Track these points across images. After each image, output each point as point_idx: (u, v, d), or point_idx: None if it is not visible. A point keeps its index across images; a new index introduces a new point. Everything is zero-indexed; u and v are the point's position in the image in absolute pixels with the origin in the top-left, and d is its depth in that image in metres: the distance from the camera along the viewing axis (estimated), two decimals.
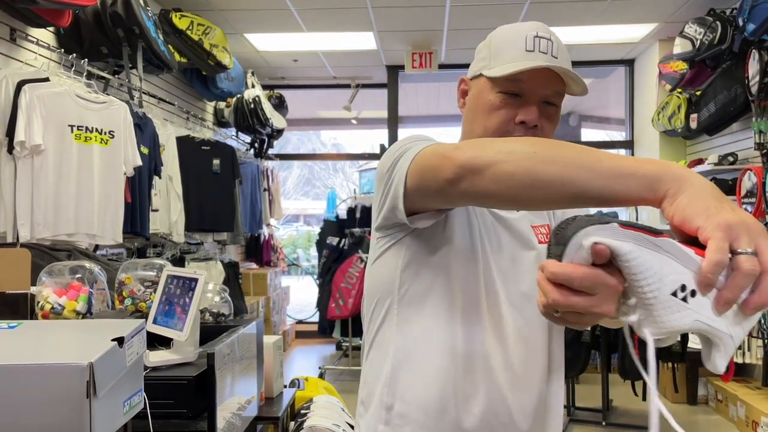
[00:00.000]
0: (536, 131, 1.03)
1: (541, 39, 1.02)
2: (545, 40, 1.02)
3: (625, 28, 5.32)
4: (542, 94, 1.03)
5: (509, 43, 1.04)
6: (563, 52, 1.05)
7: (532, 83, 1.02)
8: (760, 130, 3.88)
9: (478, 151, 0.78)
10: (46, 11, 2.84)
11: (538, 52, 1.01)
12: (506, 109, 1.03)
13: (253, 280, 6.08)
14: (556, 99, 1.05)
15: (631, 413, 4.43)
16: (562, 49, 1.05)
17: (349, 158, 9.05)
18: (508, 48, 1.04)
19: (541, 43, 1.02)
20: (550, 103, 1.04)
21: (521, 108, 1.03)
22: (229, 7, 4.77)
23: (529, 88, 1.02)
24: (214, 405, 1.37)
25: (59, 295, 1.59)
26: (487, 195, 0.78)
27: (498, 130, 1.04)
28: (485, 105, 1.06)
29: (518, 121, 1.02)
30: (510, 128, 1.03)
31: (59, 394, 0.78)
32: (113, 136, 3.04)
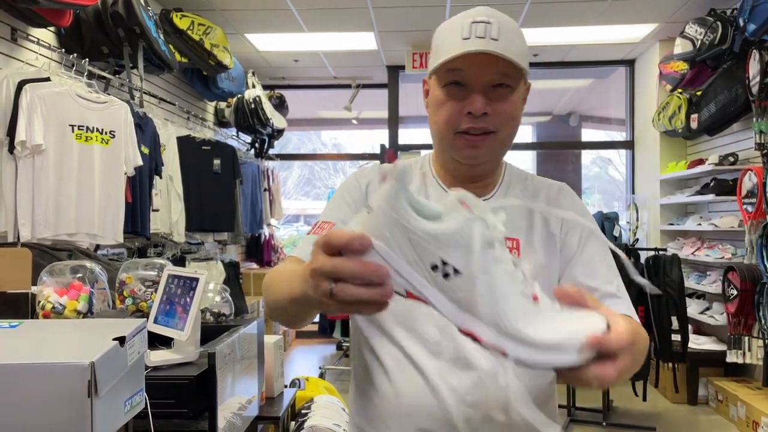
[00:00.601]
0: (486, 118, 1.00)
1: (478, 24, 0.98)
2: (483, 24, 0.98)
3: (625, 28, 5.32)
4: (485, 79, 0.99)
5: (448, 34, 1.01)
6: (507, 32, 0.98)
7: (471, 70, 0.98)
8: (760, 131, 3.88)
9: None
10: (47, 11, 2.84)
11: (474, 38, 0.97)
12: (451, 102, 1.01)
13: (253, 280, 6.08)
14: (504, 80, 1.00)
15: (631, 413, 4.42)
16: (506, 29, 0.98)
17: (349, 158, 9.04)
18: (446, 40, 1.01)
19: (477, 28, 0.97)
20: (501, 85, 1.00)
21: (468, 98, 1.00)
22: (229, 7, 4.77)
23: (470, 76, 0.99)
24: (214, 405, 1.38)
25: (60, 295, 1.59)
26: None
27: (448, 123, 1.02)
28: (434, 101, 1.05)
29: (465, 112, 1.00)
30: (459, 120, 1.01)
31: (60, 394, 0.78)
32: (114, 136, 3.05)
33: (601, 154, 13.30)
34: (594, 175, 14.54)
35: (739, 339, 4.01)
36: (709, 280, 4.76)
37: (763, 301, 3.77)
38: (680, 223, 5.29)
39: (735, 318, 4.01)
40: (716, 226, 4.58)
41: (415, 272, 0.62)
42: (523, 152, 8.26)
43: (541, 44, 5.79)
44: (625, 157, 6.79)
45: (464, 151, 1.04)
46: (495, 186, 1.12)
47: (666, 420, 4.31)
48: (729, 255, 4.46)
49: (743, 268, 3.97)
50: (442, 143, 1.06)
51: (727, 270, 4.12)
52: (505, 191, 1.12)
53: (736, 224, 4.40)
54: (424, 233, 0.61)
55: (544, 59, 6.30)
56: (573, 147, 8.68)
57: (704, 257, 4.68)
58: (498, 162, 1.11)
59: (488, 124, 1.01)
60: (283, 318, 0.97)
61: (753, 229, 3.91)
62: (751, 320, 3.95)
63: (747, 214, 4.00)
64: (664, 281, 3.97)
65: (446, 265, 0.61)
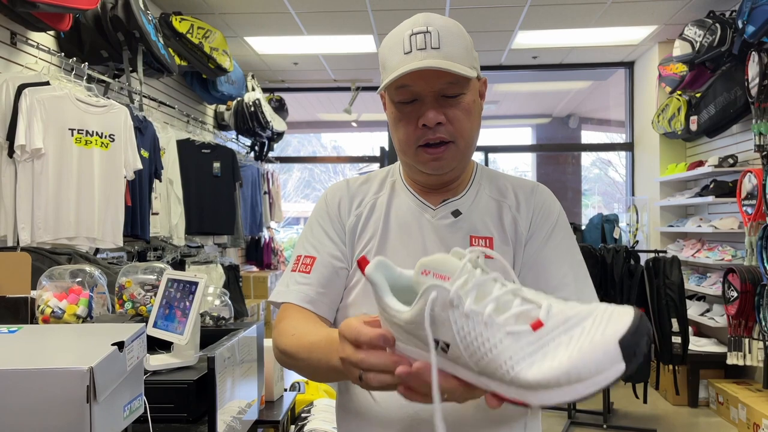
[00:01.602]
0: (441, 128, 0.99)
1: (416, 36, 0.97)
2: (421, 34, 0.97)
3: (625, 30, 5.33)
4: (433, 90, 0.99)
5: (390, 49, 1.01)
6: (447, 37, 0.97)
7: (418, 84, 0.98)
8: (760, 132, 3.88)
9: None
10: (46, 15, 2.85)
11: (415, 51, 0.96)
12: (406, 119, 1.02)
13: (253, 283, 6.08)
14: (454, 89, 0.99)
15: (631, 416, 4.42)
16: (446, 34, 0.97)
17: (349, 161, 9.04)
18: (389, 56, 1.01)
19: (416, 40, 0.97)
20: (452, 95, 1.00)
21: (420, 110, 1.00)
22: (229, 11, 4.78)
23: (419, 90, 0.99)
24: (214, 409, 1.37)
25: (60, 299, 1.59)
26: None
27: (408, 140, 1.03)
28: (391, 118, 1.06)
29: (420, 125, 1.00)
30: (416, 135, 1.01)
31: (59, 399, 0.78)
32: (113, 140, 3.05)
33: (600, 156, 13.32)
34: (594, 177, 14.55)
35: (739, 341, 4.01)
36: (709, 281, 4.76)
37: (763, 303, 3.77)
38: (680, 224, 5.29)
39: (735, 320, 4.00)
40: (716, 227, 4.58)
41: (428, 354, 0.63)
42: (522, 154, 8.27)
43: (540, 46, 5.80)
44: (624, 159, 6.79)
45: (429, 164, 1.04)
46: (465, 187, 1.12)
47: (666, 422, 4.31)
48: (729, 257, 4.46)
49: (743, 269, 3.97)
50: (407, 157, 1.07)
51: (727, 272, 4.12)
52: (475, 192, 1.12)
53: (736, 226, 4.40)
54: (407, 322, 0.64)
55: (543, 61, 6.30)
56: (573, 149, 8.69)
57: (704, 259, 4.68)
58: (465, 165, 1.10)
59: (444, 134, 1.00)
60: (317, 379, 1.01)
61: (753, 231, 3.91)
62: (751, 322, 3.94)
63: (747, 216, 4.00)
64: (664, 283, 3.97)
65: (438, 341, 0.62)
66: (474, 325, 0.59)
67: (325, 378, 0.96)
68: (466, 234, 1.07)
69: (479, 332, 0.59)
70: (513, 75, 6.75)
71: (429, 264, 0.62)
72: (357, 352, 0.70)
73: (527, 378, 0.56)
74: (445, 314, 0.60)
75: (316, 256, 1.09)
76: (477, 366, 0.60)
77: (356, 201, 1.14)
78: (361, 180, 1.18)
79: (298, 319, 1.04)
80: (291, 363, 1.00)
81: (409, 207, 1.11)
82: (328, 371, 0.88)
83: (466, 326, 0.59)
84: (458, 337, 0.60)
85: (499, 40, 5.53)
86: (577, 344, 0.54)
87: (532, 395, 0.56)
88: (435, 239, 1.06)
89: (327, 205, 1.14)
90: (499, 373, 0.58)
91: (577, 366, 0.53)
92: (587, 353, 0.53)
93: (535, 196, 1.12)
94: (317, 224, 1.13)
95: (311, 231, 1.14)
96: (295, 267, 1.10)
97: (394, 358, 0.67)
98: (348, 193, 1.15)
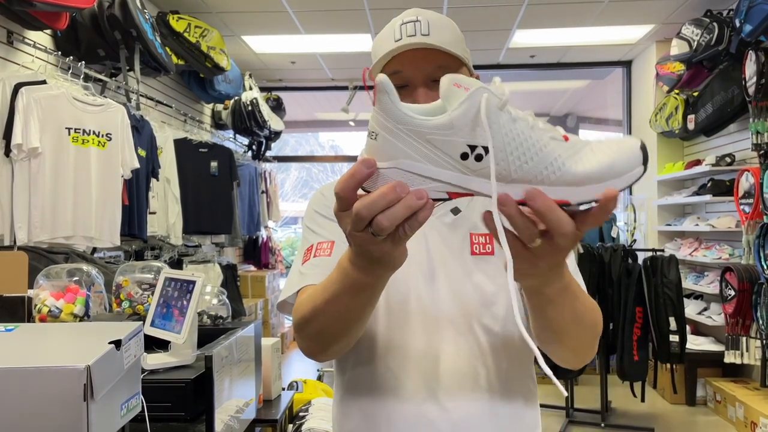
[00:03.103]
0: None
1: (407, 24, 0.99)
2: (412, 23, 0.99)
3: (622, 29, 5.33)
4: (423, 74, 1.00)
5: (381, 41, 1.02)
6: (436, 25, 0.99)
7: (408, 69, 1.00)
8: (757, 131, 3.88)
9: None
10: (43, 14, 2.84)
11: (405, 38, 0.98)
12: None
13: (251, 282, 6.08)
14: (443, 73, 0.98)
15: (629, 414, 4.43)
16: (435, 23, 0.99)
17: (347, 160, 9.03)
18: (380, 47, 1.02)
19: (407, 28, 0.99)
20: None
21: (411, 96, 1.00)
22: (226, 10, 4.77)
23: (409, 74, 1.00)
24: (212, 408, 1.37)
25: (57, 298, 1.58)
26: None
27: None
28: None
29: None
30: None
31: (56, 397, 0.78)
32: (110, 139, 3.04)
33: None
34: None
35: (737, 339, 4.02)
36: (706, 280, 4.77)
37: (760, 302, 3.77)
38: (678, 223, 5.30)
39: (733, 318, 4.01)
40: (713, 226, 4.58)
41: (446, 170, 0.61)
42: None
43: (538, 45, 5.80)
44: None
45: None
46: None
47: (664, 421, 4.31)
48: (726, 255, 4.47)
49: (741, 268, 3.97)
50: None
51: (725, 270, 4.13)
52: None
53: (734, 225, 4.41)
54: (440, 127, 0.60)
55: (541, 60, 6.30)
56: None
57: (702, 258, 4.69)
58: None
59: None
60: (339, 325, 0.87)
61: (750, 230, 3.92)
62: (748, 321, 3.95)
63: (744, 215, 4.01)
64: (662, 282, 3.97)
65: (474, 147, 0.60)
66: (522, 128, 0.61)
67: (356, 308, 0.82)
68: (466, 232, 1.06)
69: (527, 135, 0.61)
70: (511, 74, 6.75)
71: (460, 79, 0.62)
72: (356, 205, 0.61)
73: (577, 171, 0.61)
74: (493, 117, 0.60)
75: (333, 240, 1.03)
76: (516, 172, 0.61)
77: None
78: None
79: (309, 289, 0.97)
80: (314, 326, 0.89)
81: None
82: (352, 292, 0.78)
83: (514, 129, 0.60)
84: (506, 140, 0.60)
85: (496, 39, 5.53)
86: (607, 149, 0.62)
87: (576, 191, 0.61)
88: (437, 238, 1.05)
89: (326, 197, 1.11)
90: (543, 175, 0.61)
91: (616, 161, 0.61)
92: (622, 152, 0.62)
93: None
94: (320, 216, 1.09)
95: (316, 223, 1.09)
96: (308, 256, 1.03)
97: (388, 185, 0.60)
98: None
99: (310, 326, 0.90)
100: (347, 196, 0.62)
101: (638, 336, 3.96)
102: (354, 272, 0.74)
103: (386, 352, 1.01)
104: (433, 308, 1.01)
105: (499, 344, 1.02)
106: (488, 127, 0.59)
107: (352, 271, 0.74)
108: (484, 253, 1.04)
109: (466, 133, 0.60)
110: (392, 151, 0.61)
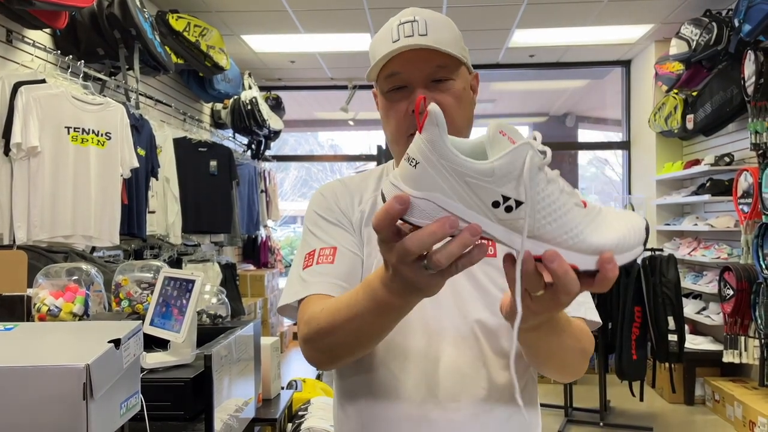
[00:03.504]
0: None
1: (404, 24, 0.98)
2: (409, 23, 0.97)
3: (621, 29, 5.33)
4: (422, 75, 0.99)
5: (378, 42, 1.01)
6: (434, 25, 0.98)
7: (406, 70, 0.98)
8: (756, 131, 3.89)
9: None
10: (42, 13, 2.84)
11: (402, 39, 0.97)
12: (395, 107, 1.01)
13: (250, 281, 6.07)
14: (442, 73, 0.99)
15: (628, 414, 4.43)
16: (433, 23, 0.98)
17: (346, 159, 9.05)
18: (378, 48, 1.00)
19: (404, 28, 0.97)
20: (441, 79, 0.99)
21: (410, 98, 0.99)
22: (225, 9, 4.77)
23: (408, 76, 0.99)
24: (211, 407, 1.37)
25: (56, 297, 1.58)
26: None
27: (398, 129, 1.02)
28: (382, 112, 1.05)
29: (410, 111, 0.99)
30: (406, 122, 1.00)
31: (56, 396, 0.78)
32: (110, 138, 3.04)
33: (597, 155, 13.33)
34: (591, 176, 14.57)
35: (735, 339, 4.02)
36: (705, 280, 4.77)
37: (759, 301, 3.78)
38: (676, 223, 5.31)
39: (731, 318, 4.02)
40: (712, 226, 4.59)
41: (475, 213, 0.63)
42: None
43: (537, 45, 5.80)
44: (621, 158, 6.80)
45: None
46: None
47: (663, 420, 4.32)
48: (725, 255, 4.47)
49: (739, 267, 3.98)
50: (399, 148, 1.05)
51: (723, 270, 4.13)
52: None
53: (732, 224, 4.41)
54: (480, 173, 0.61)
55: (540, 60, 6.31)
56: (569, 147, 8.69)
57: (700, 257, 4.69)
58: None
59: None
60: (359, 342, 0.88)
61: (749, 229, 3.92)
62: (747, 320, 3.96)
63: (743, 215, 4.01)
64: (661, 281, 3.98)
65: (508, 199, 0.62)
66: (553, 190, 0.64)
67: (381, 327, 0.83)
68: None
69: (556, 197, 0.64)
70: (510, 74, 6.75)
71: (506, 127, 0.64)
72: (401, 242, 0.63)
73: (592, 242, 0.64)
74: (533, 176, 0.62)
75: (336, 246, 1.02)
76: (539, 230, 0.63)
77: (356, 198, 1.10)
78: (357, 178, 1.15)
79: (317, 300, 0.96)
80: (329, 340, 0.89)
81: None
82: (379, 312, 0.79)
83: (547, 189, 0.63)
84: (537, 198, 0.63)
85: (496, 39, 5.54)
86: (617, 224, 0.66)
87: (587, 259, 0.64)
88: None
89: (327, 199, 1.10)
90: (562, 238, 0.64)
91: (624, 238, 0.65)
92: (630, 230, 0.66)
93: None
94: (322, 218, 1.08)
95: (317, 226, 1.07)
96: (310, 261, 1.02)
97: (442, 220, 0.61)
98: (347, 189, 1.11)
99: (326, 340, 0.90)
100: (385, 230, 0.64)
101: (637, 335, 3.97)
102: (386, 295, 0.74)
103: (387, 353, 1.01)
104: (434, 310, 1.01)
105: (500, 346, 1.02)
106: (529, 186, 0.61)
107: (383, 293, 0.74)
108: (486, 255, 1.04)
109: (504, 183, 0.61)
110: (429, 183, 0.62)
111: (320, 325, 0.90)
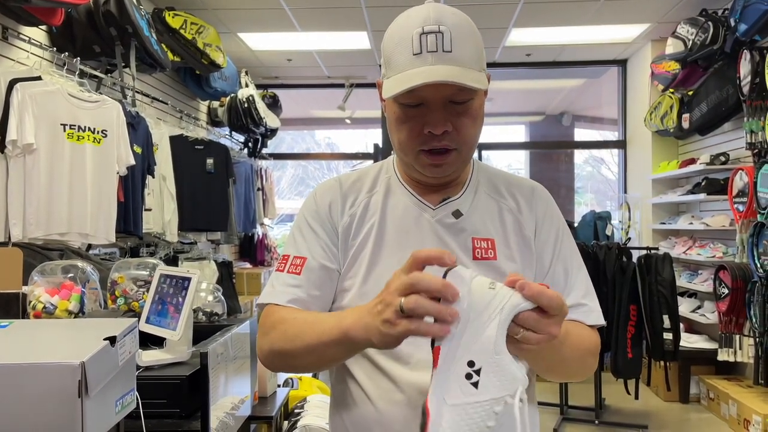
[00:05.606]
0: (447, 136, 0.97)
1: (428, 35, 0.92)
2: (433, 34, 0.92)
3: (617, 28, 5.34)
4: (442, 96, 0.95)
5: (398, 45, 0.96)
6: (459, 38, 0.94)
7: (426, 90, 0.93)
8: (751, 130, 3.90)
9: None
10: (38, 10, 2.83)
11: (426, 54, 0.92)
12: (411, 123, 0.98)
13: (246, 279, 6.07)
14: (463, 96, 0.96)
15: (623, 412, 4.45)
16: (458, 34, 0.94)
17: (343, 158, 9.05)
18: (397, 53, 0.96)
19: (428, 40, 0.92)
20: (461, 101, 0.97)
21: (426, 116, 0.96)
22: (222, 6, 4.76)
23: (426, 95, 0.95)
24: (207, 404, 1.37)
25: (51, 295, 1.58)
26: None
27: (410, 143, 1.00)
28: (392, 117, 1.01)
29: (426, 131, 0.97)
30: (421, 140, 0.98)
31: (51, 394, 0.78)
32: (106, 135, 3.03)
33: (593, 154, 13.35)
34: (586, 175, 14.59)
35: (730, 337, 4.04)
36: (700, 278, 4.78)
37: (753, 300, 3.79)
38: (672, 222, 5.32)
39: (726, 316, 4.03)
40: (707, 225, 4.60)
41: (460, 342, 0.74)
42: (515, 152, 8.28)
43: (533, 44, 5.81)
44: (617, 157, 6.81)
45: (428, 168, 1.02)
46: (463, 185, 1.10)
47: (658, 418, 4.33)
48: (720, 254, 4.48)
49: (734, 266, 3.99)
50: (406, 158, 1.04)
51: (719, 269, 4.14)
52: (474, 190, 1.10)
53: (728, 223, 4.43)
54: (486, 347, 0.74)
55: (536, 59, 6.31)
56: (566, 147, 8.71)
57: (696, 256, 4.70)
58: (465, 167, 1.09)
59: (450, 141, 0.98)
60: (308, 362, 0.98)
61: (744, 228, 3.94)
62: (742, 319, 3.97)
63: (738, 213, 4.02)
64: (656, 280, 3.99)
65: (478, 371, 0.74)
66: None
67: (342, 357, 0.96)
68: (468, 236, 1.05)
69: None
70: (507, 72, 6.75)
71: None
72: (414, 274, 0.73)
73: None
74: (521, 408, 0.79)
75: (306, 257, 1.05)
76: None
77: (349, 201, 1.10)
78: (353, 177, 1.14)
79: (286, 312, 1.01)
80: (285, 354, 0.98)
81: (407, 206, 1.07)
82: (344, 349, 0.89)
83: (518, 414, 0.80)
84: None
85: (493, 38, 5.54)
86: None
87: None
88: (435, 240, 1.04)
89: (317, 205, 1.10)
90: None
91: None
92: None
93: (536, 200, 1.11)
94: (306, 224, 1.09)
95: (300, 231, 1.09)
96: (283, 267, 1.06)
97: (450, 284, 0.71)
98: (340, 192, 1.11)
99: (280, 355, 0.99)
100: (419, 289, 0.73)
101: (632, 334, 3.98)
102: (355, 335, 0.84)
103: (382, 355, 1.01)
104: None
105: None
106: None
107: (353, 333, 0.84)
108: (486, 258, 1.04)
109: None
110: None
111: (276, 340, 0.99)
